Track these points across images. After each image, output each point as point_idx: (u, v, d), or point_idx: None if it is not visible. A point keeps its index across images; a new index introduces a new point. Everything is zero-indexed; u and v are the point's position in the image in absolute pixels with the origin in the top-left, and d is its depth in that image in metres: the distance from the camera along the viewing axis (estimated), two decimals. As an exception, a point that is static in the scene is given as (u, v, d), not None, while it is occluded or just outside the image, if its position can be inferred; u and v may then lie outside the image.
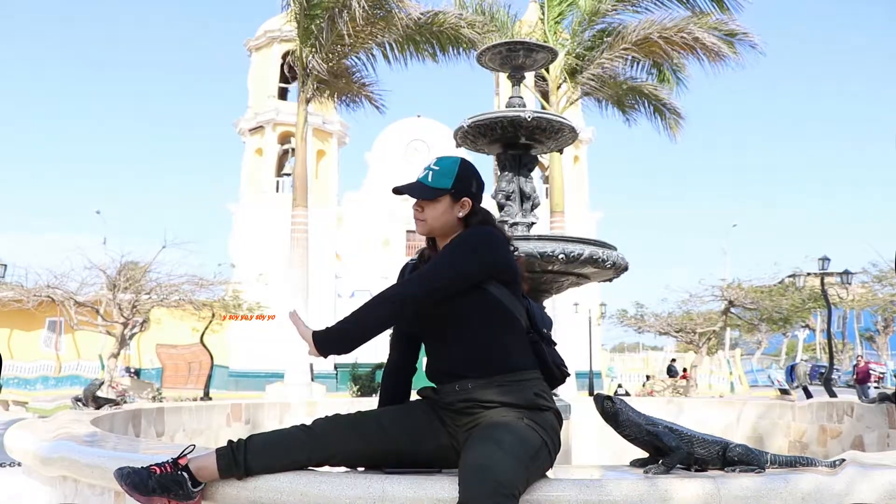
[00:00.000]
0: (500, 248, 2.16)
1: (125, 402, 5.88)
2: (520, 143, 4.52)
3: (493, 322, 2.13)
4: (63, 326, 26.10)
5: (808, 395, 17.09)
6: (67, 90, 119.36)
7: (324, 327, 2.07)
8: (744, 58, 13.79)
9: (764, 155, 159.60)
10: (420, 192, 2.24)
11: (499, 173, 4.75)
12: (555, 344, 2.29)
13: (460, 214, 2.23)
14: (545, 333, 2.26)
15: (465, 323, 2.12)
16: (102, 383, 9.94)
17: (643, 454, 2.30)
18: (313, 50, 14.90)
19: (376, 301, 2.08)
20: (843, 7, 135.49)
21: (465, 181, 2.24)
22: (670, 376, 22.53)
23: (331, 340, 2.03)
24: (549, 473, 2.05)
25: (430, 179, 2.24)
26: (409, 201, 2.27)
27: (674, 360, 24.17)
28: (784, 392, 16.03)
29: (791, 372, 34.00)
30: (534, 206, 4.61)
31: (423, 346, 2.32)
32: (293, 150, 23.71)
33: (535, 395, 2.08)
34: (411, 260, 2.41)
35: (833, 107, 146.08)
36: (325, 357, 2.11)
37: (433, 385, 2.21)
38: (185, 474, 2.02)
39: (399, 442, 2.10)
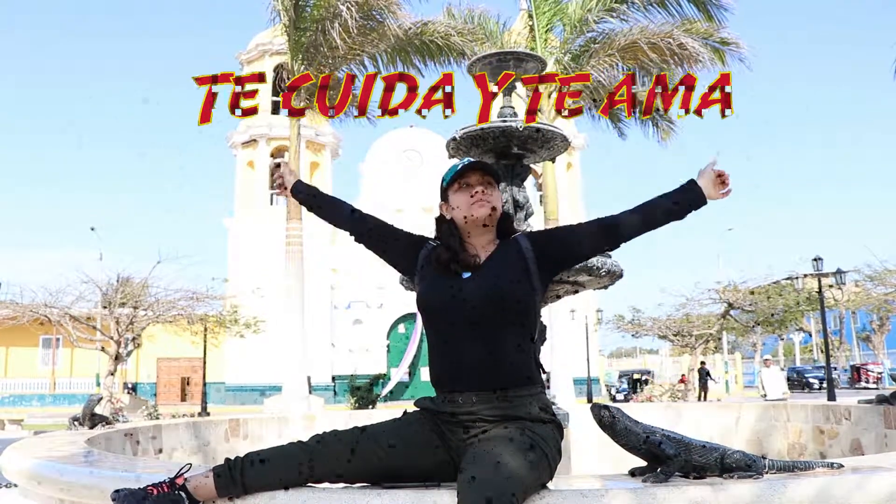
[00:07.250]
0: None
1: (118, 420, 5.84)
2: (512, 152, 4.50)
3: (519, 330, 2.11)
4: (62, 342, 26.07)
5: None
6: (59, 106, 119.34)
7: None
8: (731, 67, 14.03)
9: (755, 156, 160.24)
10: (495, 171, 2.26)
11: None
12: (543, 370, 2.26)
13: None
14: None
15: (495, 326, 2.08)
16: (101, 398, 9.88)
17: (643, 462, 2.30)
18: (304, 62, 14.93)
19: None
20: (833, 8, 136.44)
21: None
22: (701, 380, 22.01)
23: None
24: (549, 484, 2.05)
25: None
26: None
27: (703, 363, 23.16)
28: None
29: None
30: (527, 216, 4.56)
31: (425, 352, 2.27)
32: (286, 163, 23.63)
33: (539, 409, 2.07)
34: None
35: (817, 109, 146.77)
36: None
37: (431, 396, 2.19)
38: (182, 494, 2.01)
39: (397, 458, 2.07)
